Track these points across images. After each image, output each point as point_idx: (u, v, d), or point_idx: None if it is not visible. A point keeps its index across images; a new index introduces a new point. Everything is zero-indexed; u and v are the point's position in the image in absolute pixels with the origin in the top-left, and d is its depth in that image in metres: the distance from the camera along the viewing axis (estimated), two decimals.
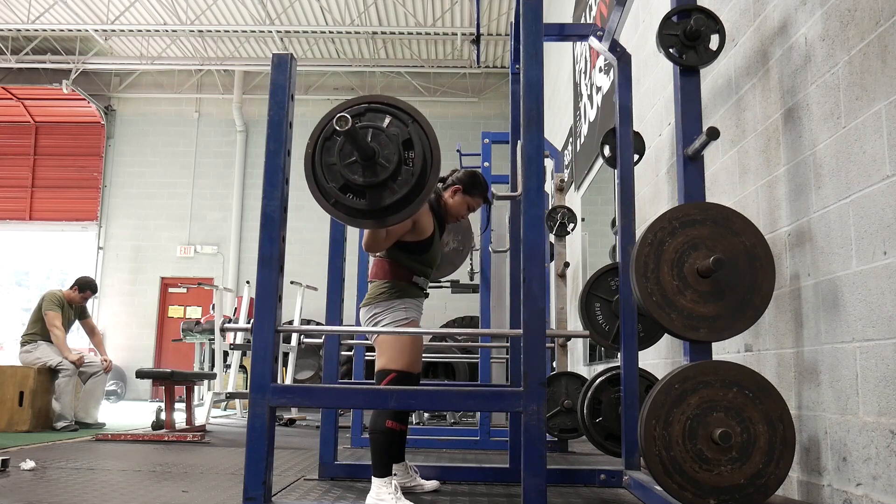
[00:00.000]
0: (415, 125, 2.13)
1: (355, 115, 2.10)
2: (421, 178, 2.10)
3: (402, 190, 2.08)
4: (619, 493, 2.93)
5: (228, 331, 2.67)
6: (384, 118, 2.12)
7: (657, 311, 2.17)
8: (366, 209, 2.10)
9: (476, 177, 2.90)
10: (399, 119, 2.12)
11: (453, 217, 2.90)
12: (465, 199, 2.87)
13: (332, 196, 2.11)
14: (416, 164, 2.09)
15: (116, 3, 10.99)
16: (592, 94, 6.42)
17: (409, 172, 2.09)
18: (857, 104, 2.08)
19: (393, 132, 2.10)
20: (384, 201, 2.09)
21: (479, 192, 2.90)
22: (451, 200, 2.87)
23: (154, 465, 3.50)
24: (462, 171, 2.93)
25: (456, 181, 2.88)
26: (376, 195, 2.09)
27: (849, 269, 2.10)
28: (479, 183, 2.90)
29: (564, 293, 5.40)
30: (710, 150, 3.16)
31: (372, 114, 2.13)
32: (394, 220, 2.14)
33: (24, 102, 12.95)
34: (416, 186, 2.10)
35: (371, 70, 12.72)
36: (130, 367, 10.16)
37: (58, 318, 5.56)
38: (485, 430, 4.52)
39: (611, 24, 3.10)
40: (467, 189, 2.87)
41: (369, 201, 2.09)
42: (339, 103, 2.15)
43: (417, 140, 2.11)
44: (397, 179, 2.09)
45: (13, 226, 13.10)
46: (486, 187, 2.94)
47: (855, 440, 2.05)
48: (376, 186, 2.08)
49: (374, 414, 2.59)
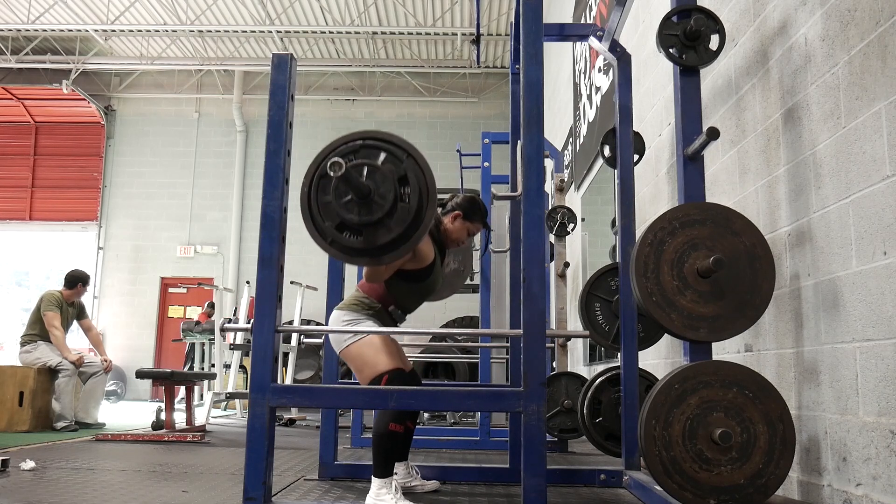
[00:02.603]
0: (410, 161, 2.11)
1: (350, 151, 2.10)
2: (417, 215, 2.08)
3: (399, 228, 2.07)
4: (619, 493, 2.93)
5: (228, 331, 2.67)
6: (379, 155, 2.10)
7: (657, 311, 2.17)
8: (362, 248, 2.09)
9: (475, 202, 2.90)
10: (394, 155, 2.11)
11: (454, 243, 2.90)
12: (465, 224, 2.87)
13: (329, 235, 2.09)
14: (412, 200, 2.07)
15: (116, 3, 11.00)
16: (592, 95, 6.42)
17: (405, 210, 2.07)
18: (857, 104, 2.08)
19: (388, 169, 2.08)
20: (381, 239, 2.07)
21: (479, 218, 2.90)
22: (451, 226, 2.86)
23: (154, 465, 3.50)
24: (461, 197, 2.92)
25: (455, 207, 2.87)
26: (373, 233, 2.07)
27: (849, 269, 2.10)
28: (478, 208, 2.89)
29: (564, 293, 5.40)
30: (710, 150, 3.16)
31: (367, 150, 2.11)
32: (390, 258, 2.13)
33: (24, 102, 12.95)
34: (412, 224, 2.08)
35: (371, 70, 12.72)
36: (130, 367, 10.16)
37: (56, 318, 5.55)
38: (485, 430, 4.52)
39: (611, 24, 3.10)
40: (467, 215, 2.87)
41: (366, 240, 2.07)
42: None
43: (413, 176, 2.09)
44: (393, 217, 2.07)
45: (13, 226, 13.11)
46: (486, 212, 2.94)
47: (855, 440, 2.05)
48: (372, 225, 2.06)
49: (377, 416, 2.58)
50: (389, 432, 2.49)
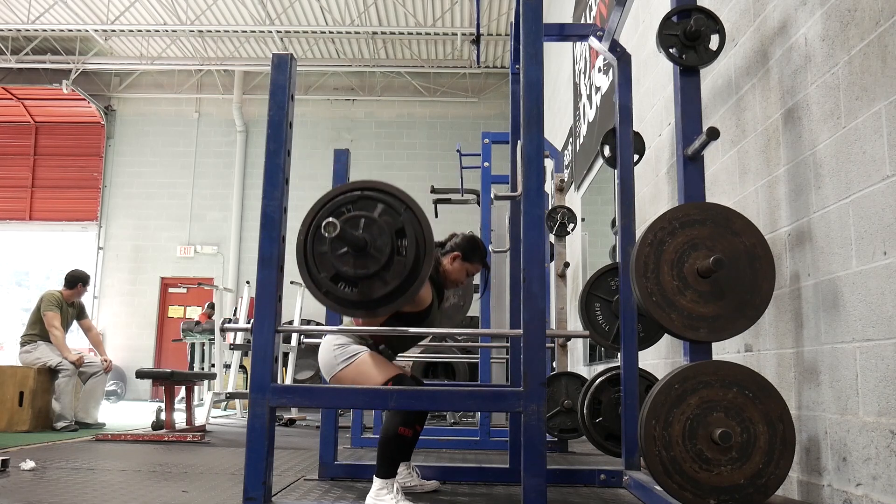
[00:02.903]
0: (408, 213, 2.10)
1: (347, 202, 2.09)
2: (414, 269, 2.07)
3: (395, 281, 2.05)
4: (619, 493, 2.92)
5: (228, 331, 2.67)
6: (377, 206, 2.09)
7: (657, 311, 2.17)
8: (358, 300, 2.07)
9: (475, 242, 2.90)
10: (392, 207, 2.09)
11: (453, 284, 2.89)
12: (464, 265, 2.86)
13: (324, 286, 2.08)
14: (408, 253, 2.06)
15: (116, 3, 11.00)
16: (592, 95, 6.42)
17: (401, 263, 2.06)
18: (857, 104, 2.08)
19: (386, 221, 2.07)
20: (376, 293, 2.06)
21: (479, 258, 2.89)
22: (450, 267, 2.86)
23: (154, 465, 3.50)
24: (461, 237, 2.92)
25: (455, 248, 2.87)
26: (368, 286, 2.06)
27: (849, 269, 2.10)
28: (477, 249, 2.89)
29: (564, 293, 5.40)
30: (710, 150, 3.16)
31: (365, 201, 2.10)
32: (386, 311, 2.11)
33: (24, 102, 12.95)
34: (408, 277, 2.07)
35: (371, 70, 12.72)
36: (130, 367, 10.16)
37: (56, 318, 5.55)
38: (485, 430, 4.52)
39: (611, 24, 3.10)
40: (467, 256, 2.86)
41: (361, 292, 2.06)
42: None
43: (410, 229, 2.08)
44: (390, 270, 2.06)
45: (13, 226, 13.11)
46: (485, 252, 2.94)
47: (855, 440, 2.05)
48: (368, 278, 2.05)
49: (387, 417, 2.59)
50: (398, 435, 2.49)
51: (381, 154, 12.72)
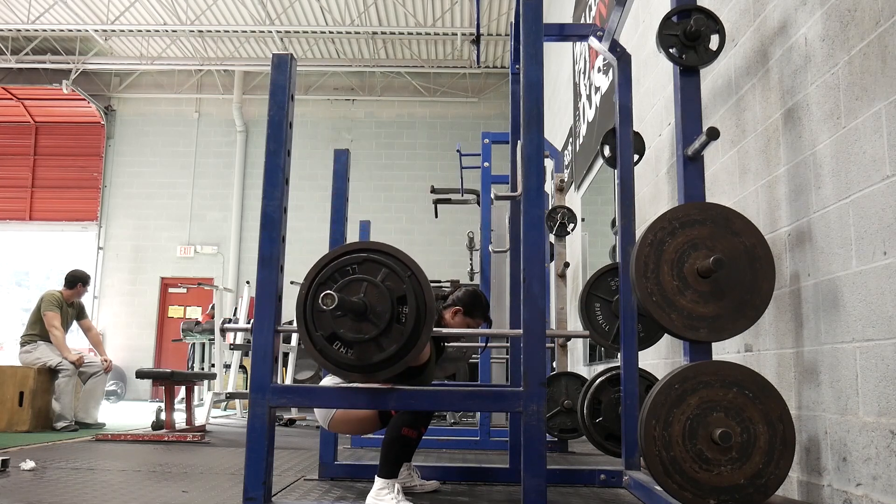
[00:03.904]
0: (412, 279, 2.08)
1: (353, 263, 2.07)
2: (413, 336, 2.06)
3: (392, 348, 2.04)
4: (619, 493, 2.92)
5: (228, 331, 2.67)
6: (380, 270, 2.07)
7: (657, 311, 2.17)
8: (353, 364, 2.05)
9: (477, 297, 2.89)
10: (396, 273, 2.08)
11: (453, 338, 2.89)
12: (465, 320, 2.86)
13: (319, 344, 2.06)
14: (408, 321, 2.04)
15: (116, 3, 11.00)
16: (591, 95, 6.42)
17: (400, 331, 2.04)
18: (857, 104, 2.08)
19: (388, 287, 2.05)
20: (372, 358, 2.04)
21: (480, 313, 2.89)
22: (451, 321, 2.86)
23: (154, 465, 3.50)
24: (463, 291, 2.91)
25: (456, 301, 2.87)
26: (365, 350, 2.04)
27: (849, 269, 2.10)
28: (479, 303, 2.88)
29: (564, 293, 5.40)
30: (710, 150, 3.16)
31: (370, 264, 2.08)
32: (381, 376, 2.09)
33: (24, 102, 12.96)
34: (406, 344, 2.05)
35: (371, 70, 12.72)
36: (130, 367, 10.16)
37: (56, 318, 5.55)
38: (485, 430, 4.52)
39: (611, 24, 3.10)
40: (468, 310, 2.86)
41: (357, 356, 2.04)
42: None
43: (412, 296, 2.06)
44: (388, 336, 2.04)
45: (13, 226, 13.11)
46: (487, 306, 2.93)
47: (855, 440, 2.05)
48: (365, 342, 2.03)
49: (393, 417, 2.59)
50: (402, 436, 2.50)
51: (381, 154, 12.73)
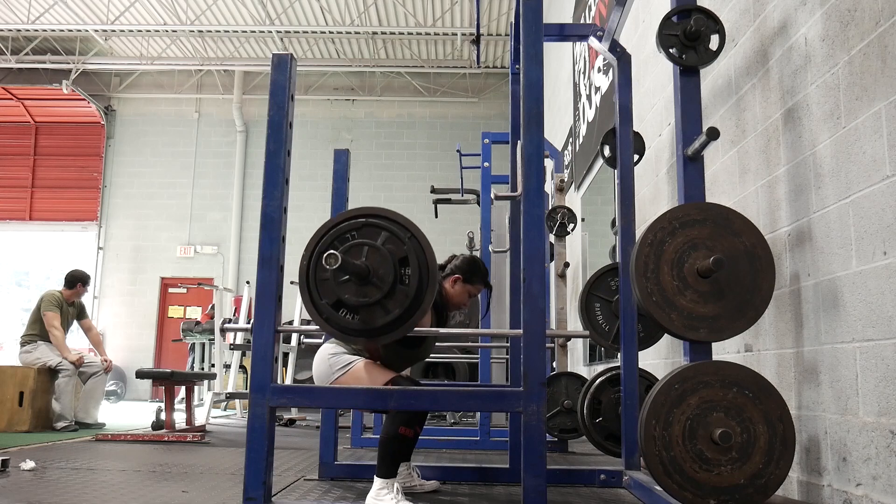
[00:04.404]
0: (412, 241, 2.09)
1: (352, 229, 2.08)
2: (416, 298, 2.06)
3: (397, 310, 2.04)
4: (619, 493, 2.93)
5: (228, 331, 2.67)
6: (381, 234, 2.08)
7: (657, 312, 2.17)
8: (359, 328, 2.06)
9: (475, 264, 2.89)
10: (396, 235, 2.08)
11: (455, 306, 2.89)
12: (465, 287, 2.86)
13: (325, 312, 2.07)
14: (411, 282, 2.05)
15: (116, 3, 11.00)
16: (591, 95, 6.42)
17: (403, 292, 2.05)
18: (857, 104, 2.08)
19: (389, 249, 2.06)
20: (378, 321, 2.05)
21: (480, 279, 2.89)
22: (451, 290, 2.86)
23: (154, 465, 3.50)
24: (461, 259, 2.91)
25: (455, 270, 2.86)
26: (370, 315, 2.05)
27: (849, 269, 2.10)
28: (478, 270, 2.88)
29: (564, 293, 5.40)
30: (710, 150, 3.16)
31: (369, 228, 2.09)
32: (387, 339, 2.10)
33: (24, 102, 12.96)
34: (411, 306, 2.06)
35: (371, 70, 12.72)
36: (130, 367, 10.17)
37: (56, 318, 5.55)
38: (485, 430, 4.52)
39: (611, 24, 3.10)
40: (467, 278, 2.86)
41: (362, 320, 2.05)
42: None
43: (414, 257, 2.06)
44: (392, 299, 2.05)
45: (13, 226, 13.11)
46: (486, 273, 2.93)
47: (855, 440, 2.05)
48: (370, 306, 2.04)
49: (388, 417, 2.59)
50: (399, 435, 2.49)
51: (381, 154, 12.73)
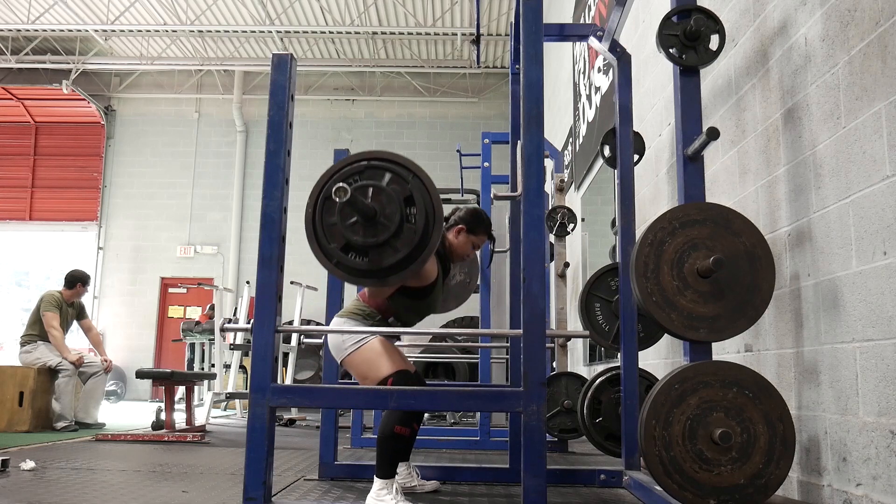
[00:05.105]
0: (416, 181, 2.10)
1: (355, 172, 2.08)
2: (424, 236, 2.08)
3: (405, 249, 2.06)
4: (619, 493, 2.93)
5: (228, 331, 2.67)
6: (384, 175, 2.09)
7: (657, 312, 2.17)
8: (368, 269, 2.08)
9: (479, 214, 2.90)
10: (399, 176, 2.10)
11: (459, 257, 2.89)
12: (469, 238, 2.87)
13: (335, 256, 2.09)
14: (417, 221, 2.07)
15: (116, 3, 11.00)
16: (591, 95, 6.42)
17: (411, 231, 2.07)
18: (857, 104, 2.08)
19: (394, 189, 2.07)
20: (386, 261, 2.07)
21: (483, 230, 2.89)
22: (455, 241, 2.86)
23: (154, 465, 3.50)
24: (464, 210, 2.91)
25: (458, 221, 2.87)
26: (378, 255, 2.06)
27: (849, 269, 2.10)
28: (482, 220, 2.89)
29: (564, 293, 5.40)
30: (710, 150, 3.16)
31: (372, 171, 2.10)
32: (396, 279, 2.13)
33: (24, 102, 12.95)
34: (419, 245, 2.08)
35: (371, 70, 12.72)
36: (130, 367, 10.16)
37: (56, 318, 5.55)
38: (485, 430, 4.52)
39: (611, 25, 3.10)
40: (471, 228, 2.86)
41: (371, 261, 2.07)
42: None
43: (419, 196, 2.08)
44: (400, 238, 2.06)
45: (13, 226, 13.11)
46: (489, 223, 2.94)
47: (855, 440, 2.05)
48: (378, 246, 2.05)
49: (384, 416, 2.59)
50: (395, 434, 2.49)
51: None
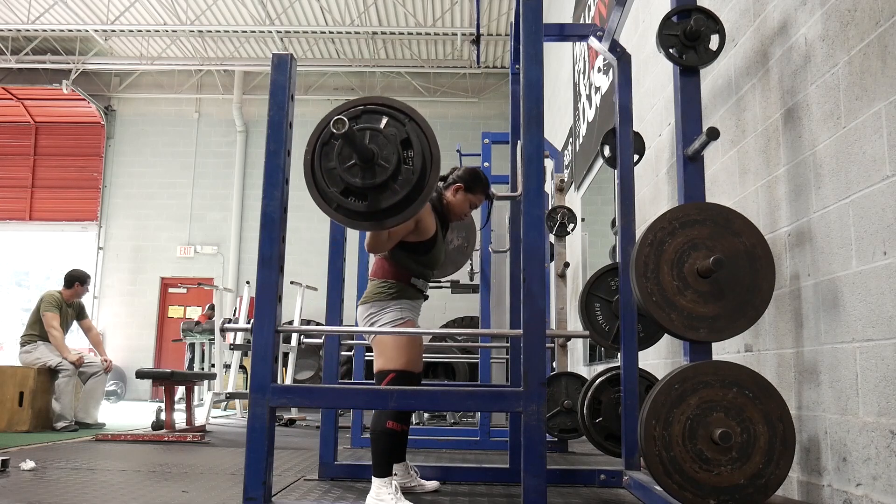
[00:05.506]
0: (412, 124, 2.12)
1: (352, 117, 2.10)
2: (421, 178, 2.09)
3: (403, 190, 2.08)
4: (619, 493, 2.93)
5: (228, 331, 2.67)
6: (381, 119, 2.11)
7: (657, 312, 2.17)
8: (366, 211, 2.09)
9: (477, 173, 2.90)
10: (396, 119, 2.11)
11: (456, 216, 2.90)
12: (467, 196, 2.87)
13: (334, 200, 2.10)
14: (415, 163, 2.08)
15: (116, 3, 10.99)
16: (591, 95, 6.42)
17: (409, 172, 2.08)
18: (857, 104, 2.08)
19: (391, 132, 2.09)
20: (385, 203, 2.08)
21: (481, 189, 2.90)
22: (453, 199, 2.86)
23: (154, 465, 3.50)
24: (462, 169, 2.92)
25: (457, 179, 2.88)
26: (377, 197, 2.08)
27: (849, 269, 2.10)
28: (480, 179, 2.89)
29: (564, 293, 5.40)
30: (710, 150, 3.16)
31: (368, 115, 2.12)
32: (394, 221, 2.13)
33: (24, 102, 12.95)
34: (416, 186, 2.09)
35: (371, 70, 12.72)
36: (130, 367, 10.16)
37: (56, 318, 5.55)
38: (485, 430, 4.52)
39: (611, 25, 3.10)
40: (469, 187, 2.87)
41: (370, 203, 2.08)
42: (336, 105, 2.15)
43: (416, 139, 2.10)
44: (398, 180, 2.08)
45: (13, 226, 13.10)
46: (488, 183, 2.94)
47: (855, 440, 2.05)
48: (377, 188, 2.07)
49: (375, 414, 2.59)
50: (387, 430, 2.50)
51: None
